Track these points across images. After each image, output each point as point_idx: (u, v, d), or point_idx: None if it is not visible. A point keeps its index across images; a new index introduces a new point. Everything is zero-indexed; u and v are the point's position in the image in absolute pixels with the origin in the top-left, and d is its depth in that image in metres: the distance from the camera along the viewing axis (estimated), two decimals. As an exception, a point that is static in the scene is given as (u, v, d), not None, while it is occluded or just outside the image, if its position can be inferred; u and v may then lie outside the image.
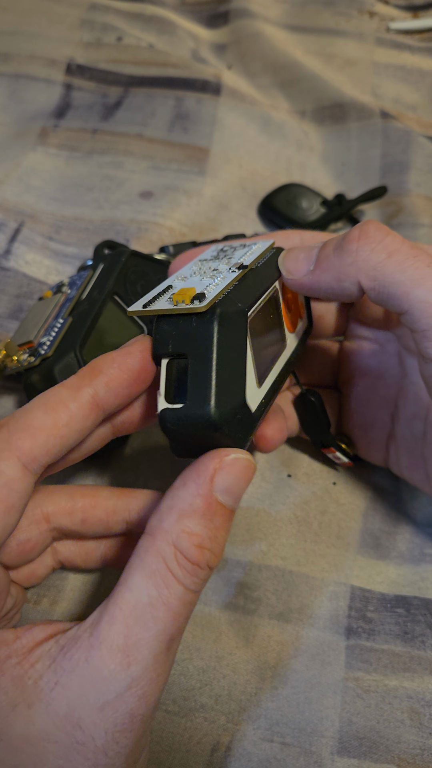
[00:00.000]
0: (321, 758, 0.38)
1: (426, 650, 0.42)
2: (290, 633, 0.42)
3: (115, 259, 0.50)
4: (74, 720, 0.27)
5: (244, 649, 0.41)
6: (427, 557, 0.45)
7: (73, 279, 0.51)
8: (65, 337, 0.45)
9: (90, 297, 0.47)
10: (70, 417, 0.30)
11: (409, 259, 0.34)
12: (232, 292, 0.32)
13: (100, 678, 0.27)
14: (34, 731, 0.27)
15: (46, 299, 0.50)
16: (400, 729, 0.39)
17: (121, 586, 0.29)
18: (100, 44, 0.72)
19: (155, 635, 0.28)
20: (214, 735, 0.39)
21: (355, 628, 0.42)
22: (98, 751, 0.27)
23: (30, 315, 0.50)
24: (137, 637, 0.28)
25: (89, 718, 0.27)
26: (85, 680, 0.27)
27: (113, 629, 0.28)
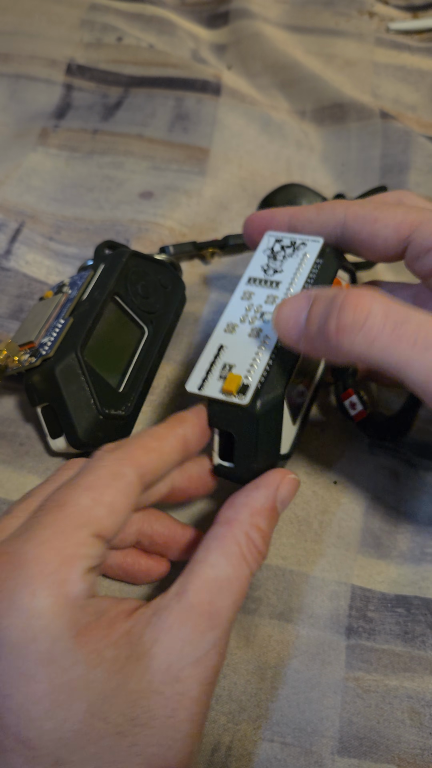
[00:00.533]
0: (321, 758, 0.38)
1: (426, 650, 0.42)
2: (291, 632, 0.42)
3: (116, 260, 0.50)
4: (174, 673, 0.31)
5: (245, 649, 0.41)
6: (427, 557, 0.45)
7: (73, 279, 0.51)
8: (66, 337, 0.45)
9: (91, 297, 0.47)
10: (171, 447, 0.37)
11: (392, 344, 0.35)
12: (271, 373, 0.38)
13: (193, 637, 0.32)
14: (144, 684, 0.31)
15: (47, 299, 0.50)
16: (401, 729, 0.39)
17: (201, 563, 0.34)
18: (100, 44, 0.72)
19: (231, 605, 0.33)
20: (215, 735, 0.39)
21: (356, 628, 0.42)
22: (194, 701, 0.32)
23: (31, 315, 0.50)
24: (219, 605, 0.33)
25: (186, 671, 0.31)
26: (180, 638, 0.32)
27: (200, 597, 0.33)
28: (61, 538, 0.32)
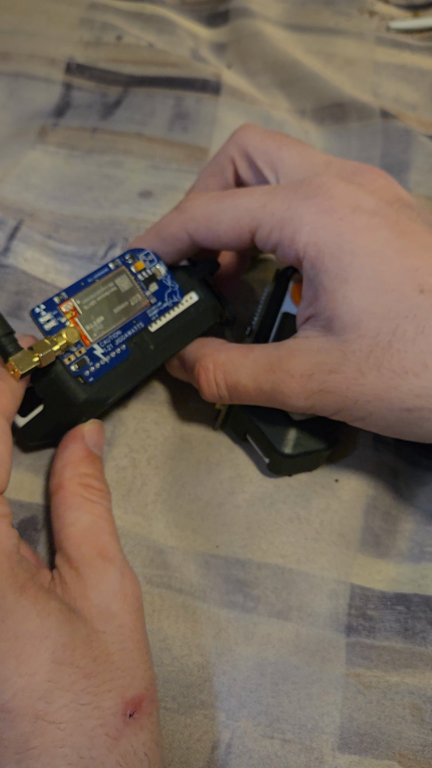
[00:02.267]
0: (322, 754, 0.38)
1: (427, 646, 0.41)
2: (290, 631, 0.42)
3: None
4: (107, 611, 0.35)
5: (244, 645, 0.41)
6: (427, 555, 0.45)
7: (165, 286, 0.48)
8: (117, 372, 0.44)
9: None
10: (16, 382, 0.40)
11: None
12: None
13: (101, 577, 0.36)
14: (90, 628, 0.34)
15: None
16: (402, 725, 0.39)
17: (61, 528, 0.38)
18: (99, 43, 0.72)
19: (111, 537, 0.38)
20: (215, 732, 0.39)
21: (355, 626, 0.42)
22: (132, 629, 0.35)
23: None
24: (102, 544, 0.37)
25: (114, 606, 0.35)
26: (93, 582, 0.35)
27: (82, 549, 0.36)
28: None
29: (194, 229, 0.43)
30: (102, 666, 0.33)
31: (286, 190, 0.41)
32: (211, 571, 0.44)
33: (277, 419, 0.45)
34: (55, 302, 0.42)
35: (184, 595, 0.43)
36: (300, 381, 0.39)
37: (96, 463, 0.41)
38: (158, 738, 0.33)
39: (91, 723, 0.31)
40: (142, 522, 0.45)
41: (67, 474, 0.40)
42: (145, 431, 0.49)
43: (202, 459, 0.48)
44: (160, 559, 0.44)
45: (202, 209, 0.43)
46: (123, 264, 0.44)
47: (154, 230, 0.46)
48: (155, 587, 0.43)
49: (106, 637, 0.34)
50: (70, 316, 0.42)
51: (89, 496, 0.39)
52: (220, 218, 0.42)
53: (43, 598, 0.34)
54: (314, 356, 0.39)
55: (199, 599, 0.43)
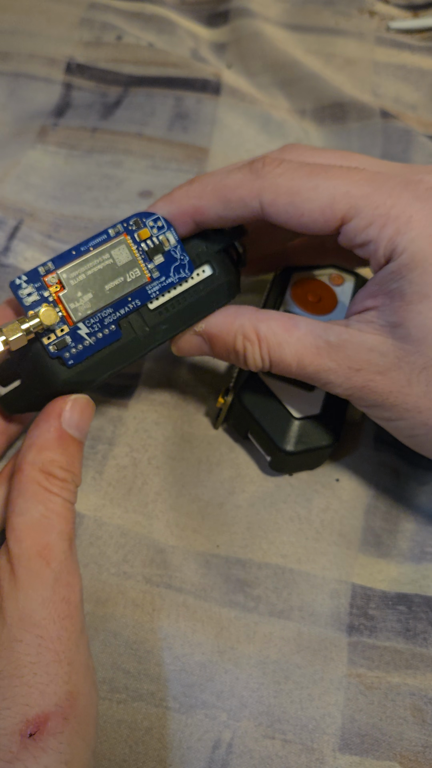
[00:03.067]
0: (323, 755, 0.38)
1: (428, 647, 0.41)
2: (292, 630, 0.42)
3: None
4: (28, 619, 0.32)
5: (246, 644, 0.41)
6: (428, 555, 0.45)
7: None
8: (104, 357, 0.42)
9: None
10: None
11: None
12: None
13: (33, 581, 0.33)
14: (3, 636, 0.32)
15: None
16: (403, 726, 0.39)
17: (11, 515, 0.35)
18: (99, 43, 0.72)
19: (56, 537, 0.34)
20: (216, 732, 0.38)
21: (357, 626, 0.42)
22: (54, 639, 0.32)
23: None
24: (44, 542, 0.34)
25: (38, 614, 0.32)
26: (23, 586, 0.33)
27: (24, 545, 0.33)
28: None
29: (271, 200, 0.38)
30: (5, 681, 0.31)
31: (393, 183, 0.37)
32: (212, 571, 0.44)
33: (279, 416, 0.44)
34: (40, 273, 0.37)
35: (184, 594, 0.43)
36: (346, 373, 0.38)
37: (68, 447, 0.37)
38: (74, 759, 0.31)
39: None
40: (143, 521, 0.45)
41: (29, 457, 0.36)
42: (146, 431, 0.49)
43: (203, 459, 0.48)
44: (161, 558, 0.44)
45: (288, 179, 0.38)
46: (125, 231, 0.39)
47: (215, 187, 0.40)
48: (155, 587, 0.43)
49: (20, 647, 0.31)
50: (54, 290, 0.37)
51: (48, 485, 0.35)
52: (310, 196, 0.37)
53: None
54: (367, 353, 0.37)
55: (200, 598, 0.43)
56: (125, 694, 0.39)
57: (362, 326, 0.38)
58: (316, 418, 0.45)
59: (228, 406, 0.46)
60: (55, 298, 0.37)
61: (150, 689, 0.40)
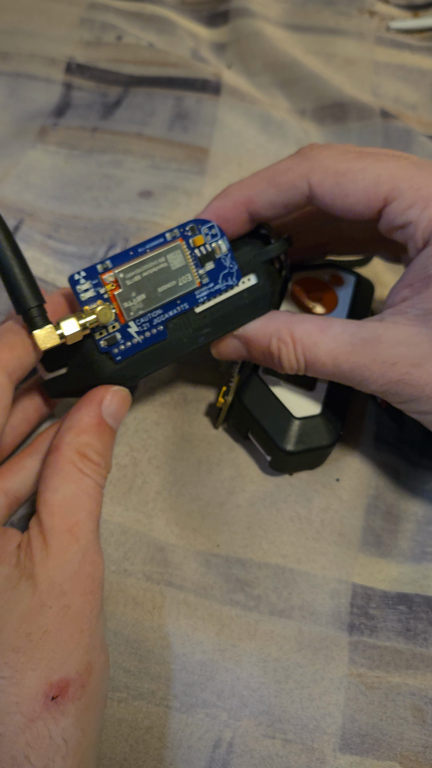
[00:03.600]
0: (323, 755, 0.38)
1: (429, 647, 0.41)
2: (292, 628, 0.42)
3: None
4: (57, 588, 0.33)
5: (247, 641, 0.41)
6: (428, 555, 0.45)
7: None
8: (148, 354, 0.43)
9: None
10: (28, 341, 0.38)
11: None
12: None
13: (62, 554, 0.34)
14: (35, 601, 0.33)
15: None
16: (404, 726, 0.39)
17: (44, 491, 0.36)
18: (99, 43, 0.72)
19: (86, 516, 0.36)
20: (216, 731, 0.38)
21: (358, 625, 0.42)
22: (78, 611, 0.33)
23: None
24: (74, 520, 0.35)
25: (67, 585, 0.34)
26: (53, 557, 0.34)
27: (55, 519, 0.35)
28: None
29: (319, 181, 0.39)
30: (33, 643, 0.32)
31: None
32: (212, 570, 0.44)
33: (279, 416, 0.44)
34: (98, 270, 0.38)
35: (185, 591, 0.43)
36: (381, 368, 0.38)
37: (104, 434, 0.39)
38: (87, 726, 0.32)
39: (5, 698, 0.30)
40: (143, 519, 0.45)
41: (68, 438, 0.38)
42: (146, 431, 0.49)
43: (203, 458, 0.48)
44: (161, 556, 0.44)
45: (335, 161, 0.39)
46: (181, 236, 0.40)
47: (267, 174, 0.41)
48: (156, 584, 0.43)
49: (49, 613, 0.33)
50: (110, 288, 0.38)
51: (82, 466, 0.37)
52: (356, 177, 0.38)
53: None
54: (401, 346, 0.37)
55: (200, 596, 0.43)
56: (126, 692, 0.39)
57: (396, 318, 0.38)
58: (316, 417, 0.45)
59: (228, 405, 0.46)
60: (110, 295, 0.39)
61: (150, 688, 0.40)
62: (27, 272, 0.36)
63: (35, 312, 0.36)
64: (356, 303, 0.49)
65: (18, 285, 0.36)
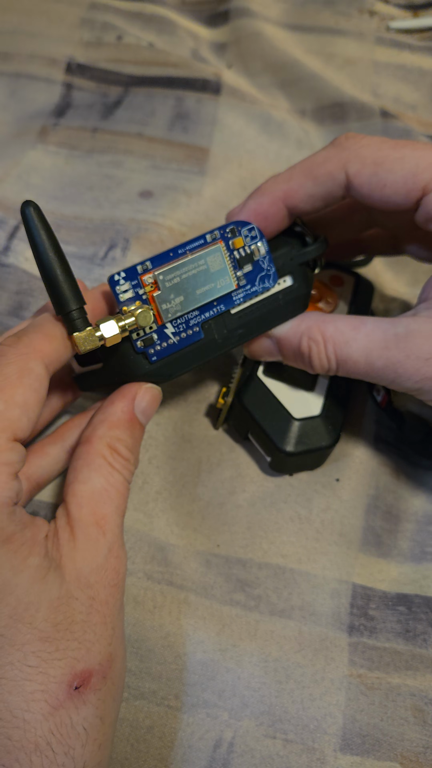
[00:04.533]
0: (324, 755, 0.38)
1: (428, 648, 0.41)
2: (293, 628, 0.42)
3: None
4: (84, 579, 0.34)
5: (248, 641, 0.41)
6: (428, 556, 0.45)
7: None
8: (187, 353, 0.42)
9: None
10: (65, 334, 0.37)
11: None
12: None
13: (89, 546, 0.35)
14: (63, 591, 0.33)
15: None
16: (404, 727, 0.39)
17: (73, 482, 0.37)
18: (100, 43, 0.72)
19: (113, 510, 0.36)
20: (217, 731, 0.39)
21: (357, 626, 0.42)
22: (103, 603, 0.34)
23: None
24: (102, 513, 0.36)
25: (93, 577, 0.34)
26: (80, 549, 0.34)
27: (83, 511, 0.35)
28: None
29: (357, 171, 0.39)
30: (61, 633, 0.32)
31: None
32: (212, 570, 0.44)
33: (279, 417, 0.44)
34: (138, 271, 0.38)
35: (186, 591, 0.43)
36: (416, 363, 0.37)
37: (135, 429, 0.39)
38: (107, 716, 0.33)
39: (32, 686, 0.31)
40: (143, 519, 0.45)
41: (100, 431, 0.38)
42: (147, 431, 0.49)
43: (203, 459, 0.48)
44: (162, 555, 0.44)
45: (373, 150, 0.39)
46: (221, 237, 0.40)
47: (303, 166, 0.41)
48: (156, 583, 0.43)
49: (75, 604, 0.33)
50: (149, 289, 0.38)
51: (112, 460, 0.37)
52: (393, 167, 0.38)
53: (23, 553, 0.33)
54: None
55: (201, 595, 0.43)
56: (127, 692, 0.40)
57: (430, 312, 0.38)
58: (316, 418, 0.45)
59: (228, 406, 0.46)
60: (148, 297, 0.38)
61: (152, 688, 0.40)
62: (69, 274, 0.35)
63: (76, 314, 0.36)
64: (356, 303, 0.50)
65: (60, 287, 0.35)
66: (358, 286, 0.51)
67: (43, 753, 0.30)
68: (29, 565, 0.33)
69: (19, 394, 0.34)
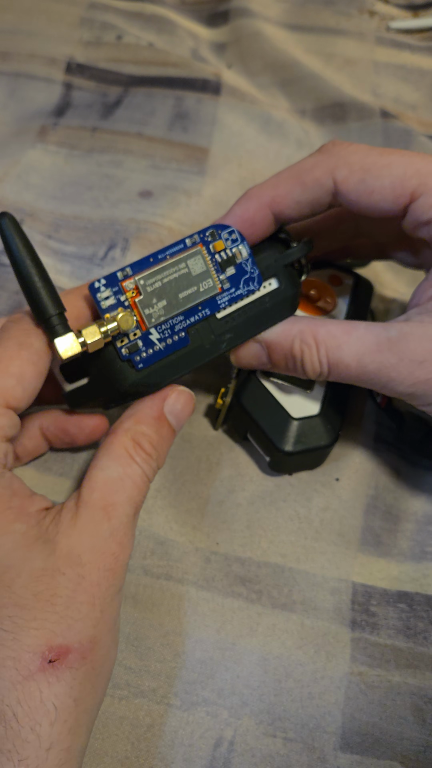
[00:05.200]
0: (324, 754, 0.38)
1: (429, 647, 0.41)
2: (295, 622, 0.42)
3: None
4: (75, 557, 0.33)
5: (249, 637, 0.41)
6: (428, 555, 0.45)
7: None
8: (173, 362, 0.42)
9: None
10: (77, 311, 0.39)
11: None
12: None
13: (90, 528, 0.34)
14: (49, 563, 0.33)
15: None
16: (404, 726, 0.39)
17: (93, 468, 0.37)
18: (99, 43, 0.72)
19: (125, 500, 0.36)
20: (217, 729, 0.39)
21: (359, 621, 0.42)
22: (94, 584, 0.33)
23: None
24: (112, 500, 0.35)
25: (86, 556, 0.34)
26: (78, 529, 0.34)
27: (94, 495, 0.35)
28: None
29: (344, 177, 0.39)
30: (40, 603, 0.32)
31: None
32: (211, 567, 0.44)
33: (278, 417, 0.44)
34: (118, 278, 0.38)
35: (186, 585, 0.43)
36: (409, 366, 0.37)
37: (162, 428, 0.39)
38: (82, 700, 0.32)
39: (3, 652, 0.31)
40: (143, 515, 0.45)
41: (126, 424, 0.38)
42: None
43: (203, 458, 0.48)
44: (162, 550, 0.44)
45: (360, 157, 0.39)
46: (201, 241, 0.39)
47: (291, 172, 0.41)
48: (155, 579, 0.43)
49: (61, 579, 0.33)
50: (130, 295, 0.38)
51: (133, 453, 0.37)
52: (381, 173, 0.38)
53: (8, 516, 0.33)
54: (429, 343, 0.37)
55: (202, 588, 0.43)
56: (127, 690, 0.39)
57: (423, 317, 0.38)
58: (314, 418, 0.45)
59: (227, 407, 0.46)
60: (131, 303, 0.38)
61: (151, 686, 0.40)
62: (46, 279, 0.35)
63: (56, 320, 0.36)
64: (355, 303, 0.50)
65: (38, 293, 0.35)
66: (357, 286, 0.51)
67: (8, 723, 0.30)
68: (14, 530, 0.33)
69: (15, 365, 0.35)
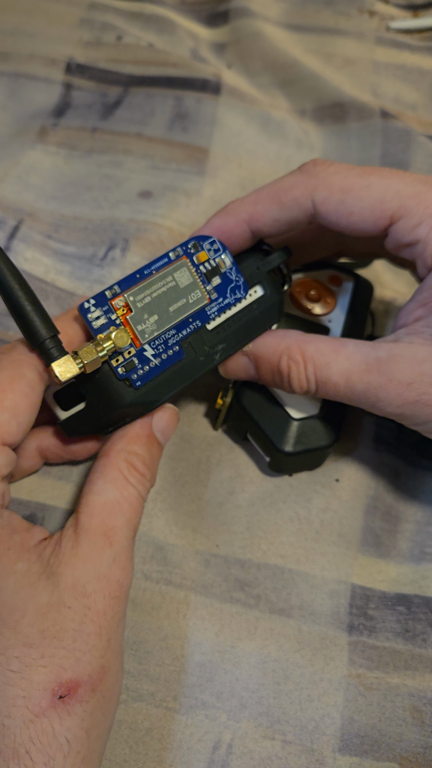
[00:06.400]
0: (323, 756, 0.38)
1: (427, 648, 0.41)
2: (292, 627, 0.42)
3: None
4: (81, 588, 0.33)
5: (247, 641, 0.41)
6: (427, 556, 0.45)
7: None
8: (167, 379, 0.42)
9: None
10: (68, 339, 0.38)
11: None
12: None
13: (92, 555, 0.34)
14: (54, 598, 0.32)
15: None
16: (402, 727, 0.39)
17: (88, 492, 0.37)
18: (99, 43, 0.72)
19: (124, 523, 0.36)
20: (216, 732, 0.39)
21: (357, 625, 0.42)
22: (100, 614, 0.33)
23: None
24: (112, 525, 0.35)
25: (91, 586, 0.33)
26: (82, 558, 0.34)
27: (93, 521, 0.35)
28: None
29: (323, 198, 0.39)
30: (47, 640, 0.32)
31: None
32: (211, 570, 0.44)
33: (278, 417, 0.44)
34: (107, 296, 0.38)
35: (185, 590, 0.43)
36: (397, 388, 0.37)
37: (152, 447, 0.39)
38: (93, 729, 0.32)
39: (13, 691, 0.30)
40: (143, 519, 0.45)
41: (118, 446, 0.38)
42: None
43: (203, 459, 0.48)
44: (161, 555, 0.44)
45: (340, 178, 0.39)
46: (185, 254, 0.40)
47: (270, 191, 0.41)
48: (155, 583, 0.43)
49: (67, 612, 0.33)
50: (121, 313, 0.38)
51: (127, 474, 0.37)
52: (361, 194, 0.38)
53: (10, 557, 0.33)
54: (418, 365, 0.37)
55: (200, 594, 0.43)
56: (126, 694, 0.40)
57: (411, 338, 0.38)
58: (314, 418, 0.45)
59: (227, 407, 0.46)
60: (122, 320, 0.38)
61: (150, 690, 0.40)
62: (36, 304, 0.35)
63: (50, 343, 0.35)
64: (355, 304, 0.49)
65: (29, 317, 0.35)
66: (357, 286, 0.50)
67: (22, 761, 0.30)
68: (16, 570, 0.33)
69: (8, 398, 0.35)
